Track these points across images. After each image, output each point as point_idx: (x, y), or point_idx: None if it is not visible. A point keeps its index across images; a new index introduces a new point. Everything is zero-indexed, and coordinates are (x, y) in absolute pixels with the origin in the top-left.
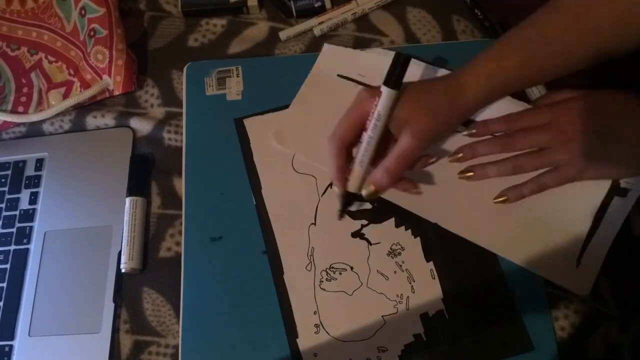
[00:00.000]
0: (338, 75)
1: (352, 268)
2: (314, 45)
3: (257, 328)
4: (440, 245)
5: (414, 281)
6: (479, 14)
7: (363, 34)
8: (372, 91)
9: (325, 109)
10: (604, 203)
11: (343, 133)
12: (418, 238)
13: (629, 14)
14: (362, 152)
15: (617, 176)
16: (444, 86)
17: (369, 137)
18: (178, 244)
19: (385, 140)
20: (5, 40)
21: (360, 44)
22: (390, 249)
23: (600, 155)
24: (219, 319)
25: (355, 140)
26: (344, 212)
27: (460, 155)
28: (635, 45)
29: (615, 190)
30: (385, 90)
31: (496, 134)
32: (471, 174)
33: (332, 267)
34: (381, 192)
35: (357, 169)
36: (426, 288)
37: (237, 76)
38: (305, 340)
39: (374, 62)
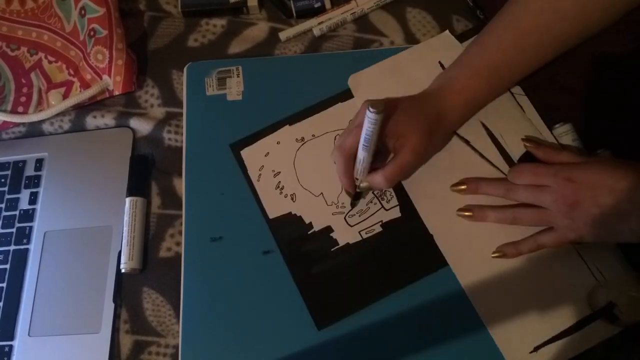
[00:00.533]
0: (439, 62)
1: None
2: (314, 46)
3: (257, 328)
4: None
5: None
6: (479, 14)
7: (363, 35)
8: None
9: (407, 83)
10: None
11: (347, 147)
12: None
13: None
14: (360, 168)
15: (618, 241)
16: (435, 110)
17: (362, 156)
18: (178, 244)
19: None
20: (5, 40)
21: (359, 44)
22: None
23: (600, 227)
24: (219, 319)
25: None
26: (354, 205)
27: (464, 187)
28: (596, 29)
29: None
30: (370, 114)
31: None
32: (470, 214)
33: None
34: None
35: (360, 177)
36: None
37: (238, 76)
38: None
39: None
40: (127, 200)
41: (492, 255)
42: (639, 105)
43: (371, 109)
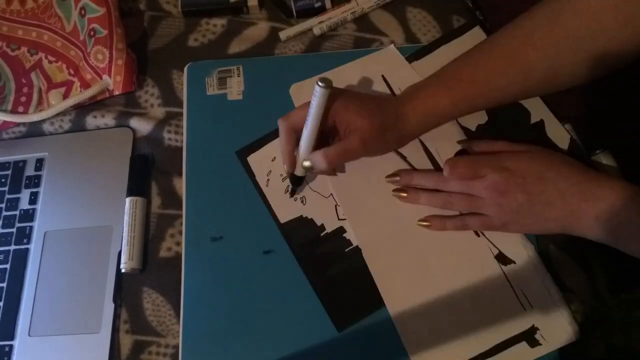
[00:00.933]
0: (382, 76)
1: None
2: (314, 45)
3: (257, 329)
4: None
5: None
6: (479, 15)
7: (363, 34)
8: (335, 89)
9: None
10: None
11: (294, 120)
12: None
13: (557, 60)
14: (302, 145)
15: (543, 232)
16: (394, 111)
17: (306, 133)
18: (178, 243)
19: (329, 137)
20: (5, 40)
21: (360, 43)
22: None
23: (526, 213)
24: (220, 319)
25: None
26: (294, 190)
27: (398, 178)
28: (563, 88)
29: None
30: (318, 88)
31: None
32: (404, 195)
33: None
34: (315, 171)
35: (300, 155)
36: None
37: (238, 76)
38: None
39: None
40: (127, 200)
41: (418, 221)
42: (639, 105)
43: (320, 83)
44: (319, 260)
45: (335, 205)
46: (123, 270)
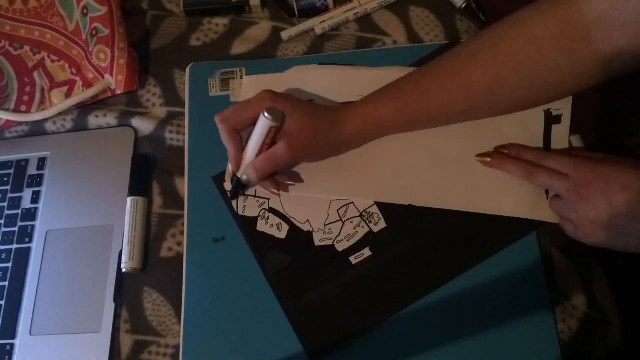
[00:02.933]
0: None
1: None
2: (316, 45)
3: (258, 329)
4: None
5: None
6: (482, 16)
7: (366, 34)
8: (272, 95)
9: None
10: (545, 134)
11: (235, 122)
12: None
13: (498, 79)
14: (248, 151)
15: (624, 249)
16: (331, 116)
17: (251, 148)
18: (179, 244)
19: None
20: (8, 39)
21: (362, 44)
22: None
23: (607, 226)
24: (221, 319)
25: (244, 128)
26: (235, 193)
27: (489, 160)
28: (504, 112)
29: (551, 120)
30: (264, 120)
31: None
32: (489, 159)
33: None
34: (252, 184)
35: (245, 160)
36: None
37: (241, 78)
38: None
39: (295, 80)
40: (128, 200)
41: (477, 156)
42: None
43: (267, 115)
44: (293, 288)
45: (313, 230)
46: (124, 270)
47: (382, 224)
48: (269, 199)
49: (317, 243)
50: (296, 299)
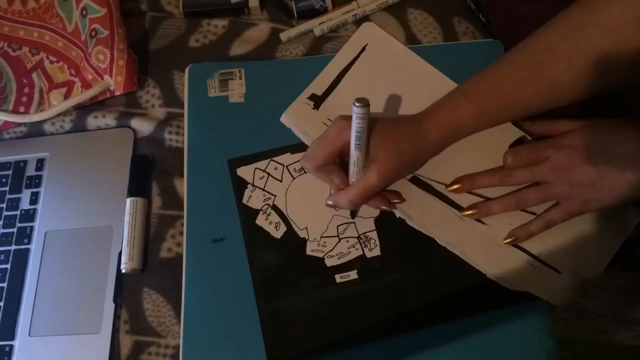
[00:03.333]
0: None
1: None
2: (315, 47)
3: (258, 330)
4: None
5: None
6: (482, 17)
7: None
8: (349, 120)
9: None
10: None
11: (324, 157)
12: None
13: (584, 69)
14: (355, 170)
15: (622, 202)
16: (411, 131)
17: (356, 157)
18: (179, 244)
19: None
20: (6, 40)
21: None
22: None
23: (600, 185)
24: (220, 320)
25: (332, 161)
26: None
27: (458, 186)
28: (589, 97)
29: None
30: (357, 109)
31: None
32: (474, 211)
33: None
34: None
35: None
36: None
37: (240, 78)
38: None
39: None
40: (128, 200)
41: (504, 241)
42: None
43: (357, 104)
44: (273, 288)
45: (308, 239)
46: (123, 271)
47: (377, 252)
48: (275, 195)
49: (308, 252)
50: (272, 301)
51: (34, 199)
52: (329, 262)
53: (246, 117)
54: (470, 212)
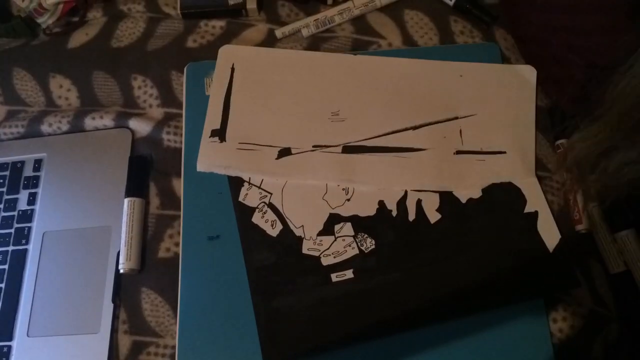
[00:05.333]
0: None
1: None
2: (312, 48)
3: (254, 328)
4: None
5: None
6: (484, 17)
7: (361, 36)
8: None
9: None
10: None
11: None
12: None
13: None
14: None
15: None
16: None
17: None
18: (177, 244)
19: None
20: None
21: (357, 45)
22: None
23: None
24: (217, 318)
25: None
26: None
27: None
28: None
29: None
30: None
31: None
32: None
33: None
34: None
35: None
36: None
37: None
38: None
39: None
40: (125, 201)
41: None
42: None
43: None
44: (269, 287)
45: (304, 238)
46: (121, 271)
47: (373, 251)
48: (272, 193)
49: (304, 250)
50: (267, 299)
51: (32, 200)
52: (325, 261)
53: None
54: None
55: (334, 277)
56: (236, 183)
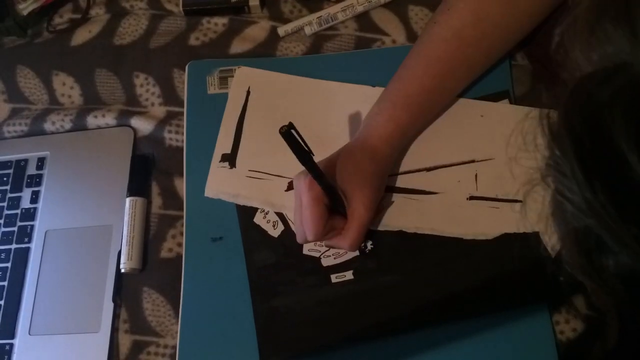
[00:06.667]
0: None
1: None
2: (316, 46)
3: (254, 328)
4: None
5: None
6: None
7: (364, 34)
8: (310, 179)
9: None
10: None
11: (321, 221)
12: None
13: (490, 49)
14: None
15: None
16: (366, 156)
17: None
18: (179, 244)
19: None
20: None
21: (361, 43)
22: None
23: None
24: (218, 319)
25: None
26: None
27: None
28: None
29: None
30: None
31: None
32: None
33: None
34: None
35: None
36: None
37: None
38: None
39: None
40: (127, 200)
41: None
42: None
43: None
44: (269, 288)
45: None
46: (122, 270)
47: (373, 253)
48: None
49: (304, 251)
50: (267, 299)
51: (35, 198)
52: (325, 262)
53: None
54: None
55: (334, 278)
56: None
